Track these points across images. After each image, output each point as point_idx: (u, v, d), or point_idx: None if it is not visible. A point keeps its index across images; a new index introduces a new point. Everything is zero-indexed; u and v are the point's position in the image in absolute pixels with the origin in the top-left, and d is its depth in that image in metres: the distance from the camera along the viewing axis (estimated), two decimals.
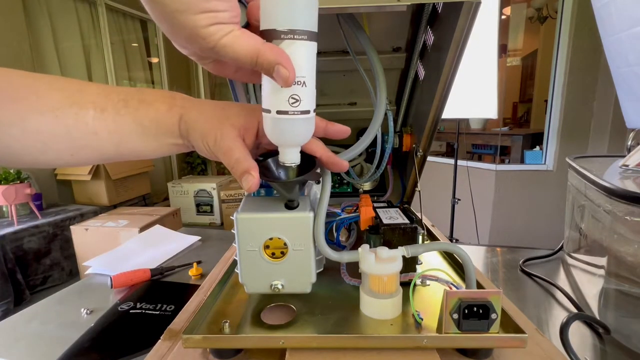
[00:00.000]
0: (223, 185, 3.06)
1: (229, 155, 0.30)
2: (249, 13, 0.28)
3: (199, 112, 0.32)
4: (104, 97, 0.31)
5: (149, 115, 0.31)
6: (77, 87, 0.31)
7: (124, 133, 0.31)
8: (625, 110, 0.66)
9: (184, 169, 4.06)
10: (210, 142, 0.31)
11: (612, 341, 0.45)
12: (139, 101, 0.31)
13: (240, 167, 0.30)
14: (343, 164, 0.35)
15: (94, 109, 0.30)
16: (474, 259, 0.69)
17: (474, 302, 0.33)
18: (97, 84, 0.32)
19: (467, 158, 2.63)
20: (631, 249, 0.46)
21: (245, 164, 0.30)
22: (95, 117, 0.30)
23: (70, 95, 0.30)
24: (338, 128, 0.35)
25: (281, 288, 0.37)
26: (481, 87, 1.57)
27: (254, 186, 0.30)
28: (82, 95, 0.30)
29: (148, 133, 0.32)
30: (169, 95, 0.33)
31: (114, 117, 0.31)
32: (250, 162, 0.30)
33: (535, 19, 3.27)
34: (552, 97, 2.22)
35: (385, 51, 0.59)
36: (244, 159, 0.30)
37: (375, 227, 0.44)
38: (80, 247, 1.82)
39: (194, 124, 0.31)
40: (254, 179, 0.29)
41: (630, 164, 0.59)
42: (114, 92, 0.32)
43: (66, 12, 2.74)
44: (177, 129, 0.32)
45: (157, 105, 0.32)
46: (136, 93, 0.32)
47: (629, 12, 0.58)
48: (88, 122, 0.30)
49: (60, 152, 0.31)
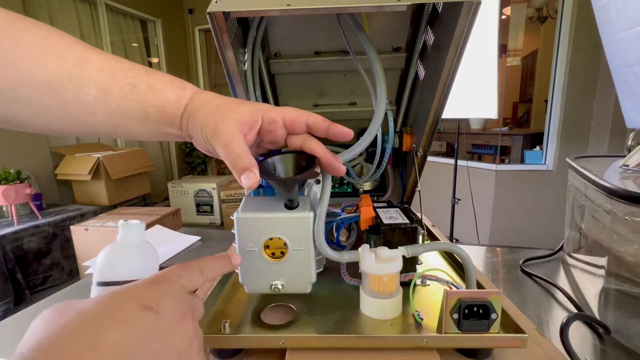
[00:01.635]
0: (223, 186, 3.06)
1: (228, 148, 0.29)
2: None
3: (204, 103, 0.31)
4: (108, 77, 0.29)
5: (155, 103, 0.30)
6: (75, 57, 0.28)
7: (124, 117, 0.30)
8: (625, 110, 0.66)
9: (184, 169, 4.07)
10: (209, 132, 0.29)
11: (612, 341, 0.45)
12: (148, 87, 0.30)
13: (241, 163, 0.28)
14: (340, 169, 0.34)
15: (97, 89, 0.28)
16: (474, 259, 0.69)
17: (474, 302, 0.33)
18: (98, 53, 0.29)
19: (467, 158, 2.63)
20: (631, 249, 0.46)
21: (246, 161, 0.29)
22: (96, 97, 0.28)
23: (68, 67, 0.27)
24: (340, 130, 0.33)
25: (281, 288, 0.37)
26: (481, 87, 1.57)
27: (254, 184, 0.29)
28: (82, 68, 0.28)
29: (150, 120, 0.31)
30: (179, 85, 0.32)
31: (118, 101, 0.29)
32: (250, 159, 0.29)
33: (535, 19, 3.27)
34: (552, 97, 2.22)
35: (385, 51, 0.59)
36: (244, 155, 0.29)
37: (375, 227, 0.44)
38: (81, 247, 1.82)
39: (195, 114, 0.30)
40: (255, 177, 0.28)
41: (631, 164, 0.59)
42: (120, 71, 0.29)
43: (66, 12, 2.74)
44: (178, 119, 0.31)
45: (166, 94, 0.30)
46: (145, 76, 0.30)
47: (629, 12, 0.58)
48: (88, 101, 0.28)
49: (51, 124, 0.29)
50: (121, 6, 3.21)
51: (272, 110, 0.32)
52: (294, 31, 0.57)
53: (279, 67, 0.62)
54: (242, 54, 0.50)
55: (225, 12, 0.35)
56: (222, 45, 0.41)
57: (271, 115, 0.32)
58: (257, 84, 0.57)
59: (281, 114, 0.32)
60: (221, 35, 0.39)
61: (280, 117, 0.32)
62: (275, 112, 0.32)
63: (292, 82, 0.65)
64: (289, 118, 0.32)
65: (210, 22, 0.37)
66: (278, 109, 0.32)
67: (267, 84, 0.62)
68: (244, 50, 0.52)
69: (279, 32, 0.57)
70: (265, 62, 0.60)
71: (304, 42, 0.59)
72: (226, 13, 0.36)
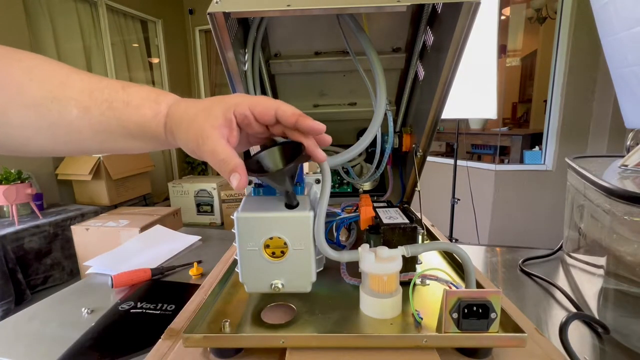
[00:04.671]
0: (223, 185, 3.06)
1: (214, 157, 0.30)
2: None
3: (180, 119, 0.31)
4: (88, 96, 0.30)
5: (133, 119, 0.31)
6: (59, 80, 0.30)
7: (109, 134, 0.31)
8: (625, 110, 0.66)
9: (184, 169, 4.07)
10: (194, 147, 0.30)
11: (611, 341, 0.46)
12: (124, 103, 0.31)
13: (227, 167, 0.29)
14: (321, 156, 0.34)
15: (78, 107, 0.29)
16: (474, 259, 0.69)
17: (473, 301, 0.33)
18: (81, 75, 0.31)
19: (467, 158, 2.63)
20: (630, 248, 0.46)
21: (231, 164, 0.29)
22: (79, 116, 0.30)
23: (52, 89, 0.29)
24: (310, 124, 0.31)
25: (281, 287, 0.37)
26: (481, 88, 1.57)
27: (242, 184, 0.29)
28: (64, 89, 0.30)
29: (133, 136, 0.31)
30: (154, 99, 0.32)
31: (99, 118, 0.30)
32: (235, 160, 0.30)
33: (534, 20, 3.27)
34: (551, 97, 2.22)
35: (385, 51, 0.59)
36: (229, 159, 0.29)
37: (375, 227, 0.45)
38: (81, 246, 1.82)
39: (176, 131, 0.31)
40: (240, 177, 0.29)
41: (630, 164, 0.60)
42: (98, 89, 0.31)
43: (67, 13, 2.74)
44: (163, 136, 0.32)
45: (143, 110, 0.31)
46: (121, 92, 0.31)
47: (629, 13, 0.58)
48: (72, 121, 0.30)
49: (44, 146, 0.31)
50: (122, 7, 3.21)
51: (242, 104, 0.31)
52: (294, 31, 0.57)
53: (279, 67, 0.62)
54: (242, 54, 0.50)
55: (225, 13, 0.35)
56: (223, 45, 0.41)
57: (241, 111, 0.31)
58: (258, 85, 0.57)
59: (250, 107, 0.31)
60: (221, 36, 0.39)
61: (249, 112, 0.31)
62: (244, 106, 0.31)
63: (292, 83, 0.65)
64: (258, 112, 0.31)
65: (211, 22, 0.37)
66: (248, 102, 0.32)
67: (267, 84, 0.63)
68: (244, 51, 0.52)
69: (279, 32, 0.57)
70: (265, 63, 0.60)
71: (304, 43, 0.59)
72: (226, 13, 0.36)
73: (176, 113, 0.32)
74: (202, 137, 0.30)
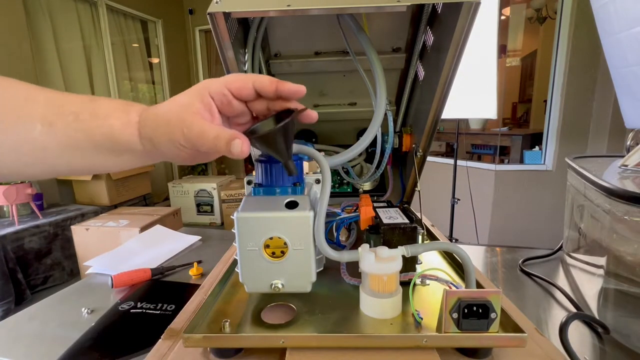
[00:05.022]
0: (223, 185, 3.06)
1: (205, 136, 0.28)
2: None
3: (155, 124, 0.29)
4: (53, 109, 0.29)
5: (101, 130, 0.29)
6: (23, 96, 0.29)
7: (76, 149, 0.29)
8: (625, 110, 0.66)
9: (184, 168, 4.06)
10: (180, 138, 0.28)
11: (611, 341, 0.46)
12: (91, 115, 0.29)
13: (223, 139, 0.28)
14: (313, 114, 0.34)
15: (41, 123, 0.28)
16: (474, 259, 0.69)
17: (473, 301, 0.33)
18: (48, 92, 0.30)
19: (467, 158, 2.63)
20: (630, 248, 0.46)
21: (227, 134, 0.28)
22: (42, 132, 0.28)
23: (15, 108, 0.28)
24: (289, 87, 0.31)
25: (281, 287, 0.37)
26: (481, 88, 1.57)
27: (245, 147, 0.28)
28: (28, 106, 0.28)
29: (103, 149, 0.30)
30: (123, 109, 0.30)
31: (64, 132, 0.29)
32: (229, 130, 0.28)
33: (534, 20, 3.27)
34: (551, 97, 2.22)
35: (385, 51, 0.59)
36: (222, 132, 0.28)
37: (375, 227, 0.45)
38: (81, 246, 1.82)
39: (156, 133, 0.29)
40: (242, 141, 0.28)
41: (630, 164, 0.60)
42: (67, 103, 0.29)
43: (67, 13, 2.74)
44: (139, 146, 0.30)
45: (111, 121, 0.29)
46: (89, 104, 0.30)
47: (629, 12, 0.58)
48: (36, 138, 0.28)
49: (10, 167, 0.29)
50: (122, 7, 3.21)
51: (215, 83, 0.30)
52: (294, 31, 0.57)
53: (279, 67, 0.62)
54: (242, 54, 0.50)
55: (225, 13, 0.36)
56: (223, 45, 0.41)
57: (217, 90, 0.30)
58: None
59: (226, 84, 0.31)
60: (221, 36, 0.39)
61: (226, 89, 0.31)
62: (219, 85, 0.30)
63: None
64: (235, 87, 0.31)
65: (211, 22, 0.37)
66: (222, 80, 0.31)
67: None
68: (244, 51, 0.52)
69: (279, 32, 0.57)
70: (265, 63, 0.60)
71: (304, 43, 0.59)
72: (226, 13, 0.36)
73: (150, 117, 0.30)
74: (185, 125, 0.28)
